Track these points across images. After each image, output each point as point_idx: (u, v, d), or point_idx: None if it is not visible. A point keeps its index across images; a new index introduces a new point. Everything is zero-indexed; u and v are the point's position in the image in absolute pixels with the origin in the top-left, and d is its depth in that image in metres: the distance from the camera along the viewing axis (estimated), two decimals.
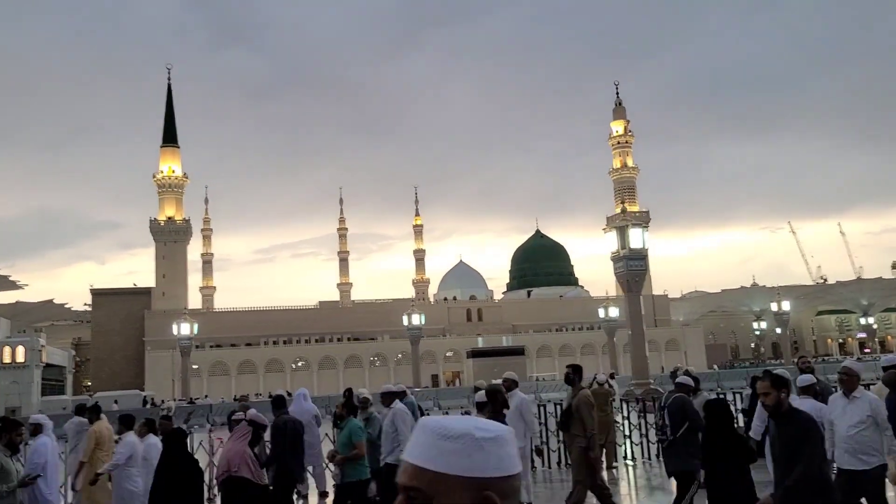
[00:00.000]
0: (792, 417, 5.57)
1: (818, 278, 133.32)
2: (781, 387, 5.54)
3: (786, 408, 5.59)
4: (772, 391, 5.54)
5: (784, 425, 5.58)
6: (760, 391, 5.58)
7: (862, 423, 6.92)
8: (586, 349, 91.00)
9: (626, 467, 15.08)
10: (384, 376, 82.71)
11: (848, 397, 7.14)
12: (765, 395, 5.57)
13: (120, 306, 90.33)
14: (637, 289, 29.97)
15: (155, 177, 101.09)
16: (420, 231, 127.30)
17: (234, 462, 7.78)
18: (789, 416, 5.59)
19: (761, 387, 5.59)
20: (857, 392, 7.13)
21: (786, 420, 5.58)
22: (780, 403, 5.57)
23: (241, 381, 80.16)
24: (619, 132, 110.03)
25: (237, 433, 8.42)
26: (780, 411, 5.60)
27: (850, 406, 7.08)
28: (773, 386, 5.54)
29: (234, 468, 7.72)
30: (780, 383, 5.55)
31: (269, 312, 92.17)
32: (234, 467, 7.72)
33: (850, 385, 7.16)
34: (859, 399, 7.08)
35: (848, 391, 7.15)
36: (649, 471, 14.64)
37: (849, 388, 7.14)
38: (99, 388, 77.47)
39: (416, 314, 64.05)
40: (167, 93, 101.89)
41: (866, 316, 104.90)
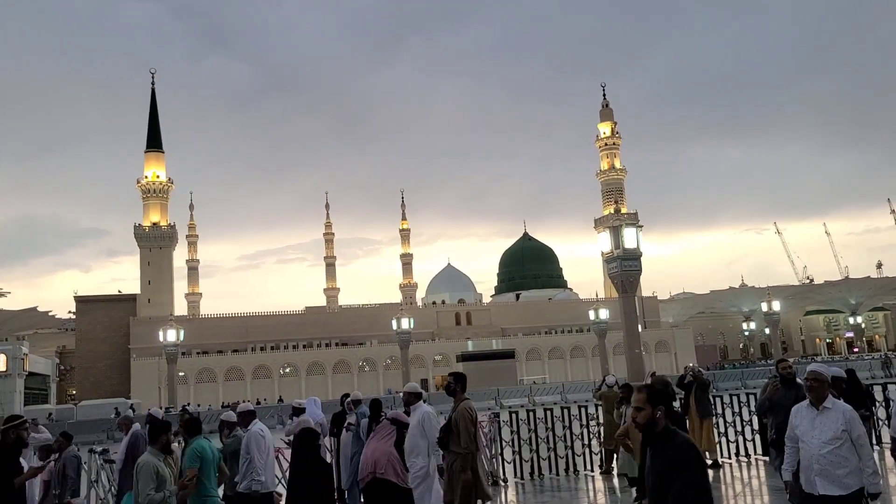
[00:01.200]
0: (668, 439, 4.49)
1: (804, 278, 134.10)
2: (659, 402, 4.48)
3: (661, 428, 4.49)
4: (646, 406, 4.48)
5: (658, 449, 4.51)
6: (634, 405, 4.52)
7: (837, 440, 5.89)
8: (576, 351, 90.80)
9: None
10: (373, 381, 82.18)
11: (817, 408, 6.08)
12: (637, 410, 4.50)
13: (105, 313, 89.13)
14: (632, 289, 29.67)
15: (139, 182, 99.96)
16: (407, 235, 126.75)
17: (380, 463, 7.33)
18: (665, 437, 4.49)
19: (635, 400, 4.54)
20: (828, 402, 6.07)
21: (660, 442, 4.50)
22: (654, 422, 4.49)
23: (228, 387, 79.24)
24: (607, 134, 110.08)
25: (380, 433, 7.91)
26: (654, 432, 4.51)
27: (820, 419, 6.04)
28: (648, 401, 4.48)
29: (380, 470, 7.27)
30: (658, 398, 4.49)
31: (255, 318, 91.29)
32: (380, 469, 7.27)
33: (819, 393, 6.10)
34: (831, 410, 6.04)
35: (817, 400, 6.09)
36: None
37: (818, 397, 6.09)
38: (84, 397, 76.33)
39: (405, 318, 63.59)
40: (151, 97, 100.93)
41: (854, 315, 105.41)
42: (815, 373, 6.20)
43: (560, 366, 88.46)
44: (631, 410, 4.52)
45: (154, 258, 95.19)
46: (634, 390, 4.63)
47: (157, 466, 6.54)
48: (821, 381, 6.12)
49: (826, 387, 6.13)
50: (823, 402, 6.07)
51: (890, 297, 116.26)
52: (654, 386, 4.49)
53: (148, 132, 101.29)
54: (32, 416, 29.30)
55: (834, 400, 6.10)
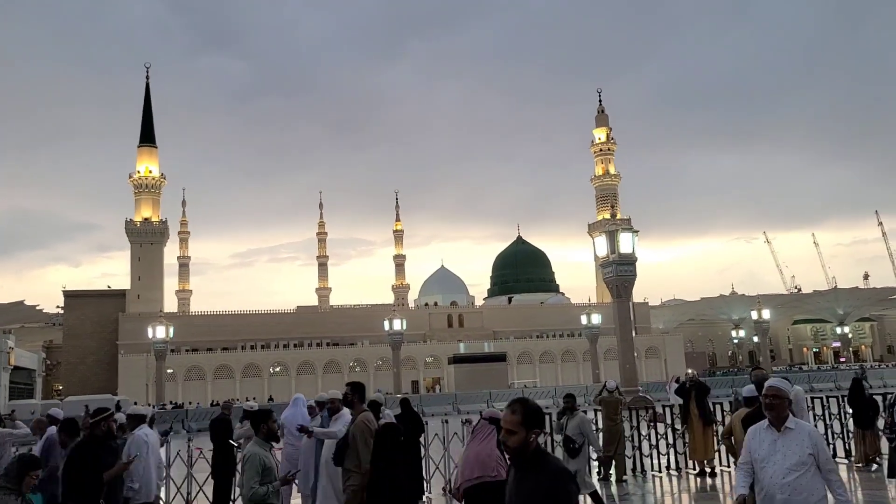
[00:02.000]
0: (539, 465, 3.92)
1: (792, 288, 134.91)
2: (534, 425, 3.93)
3: (532, 450, 3.94)
4: (518, 430, 3.89)
5: (526, 474, 3.93)
6: (505, 426, 3.95)
7: (802, 465, 5.16)
8: (567, 356, 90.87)
9: (651, 478, 14.49)
10: (364, 382, 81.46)
11: (778, 429, 5.31)
12: (509, 433, 3.94)
13: (93, 309, 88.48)
14: (626, 294, 29.68)
15: (131, 177, 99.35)
16: (401, 236, 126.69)
17: (488, 465, 7.23)
18: (536, 462, 3.93)
19: (506, 421, 3.95)
20: (790, 422, 5.31)
21: (530, 468, 3.92)
22: (526, 445, 3.91)
23: (217, 385, 78.82)
24: (602, 139, 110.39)
25: (481, 434, 7.83)
26: (525, 455, 3.94)
27: (782, 441, 5.28)
28: (522, 423, 3.89)
29: (490, 472, 7.19)
30: (534, 421, 3.94)
31: (246, 316, 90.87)
32: (490, 471, 7.18)
33: (779, 412, 5.31)
34: (794, 431, 5.28)
35: (778, 420, 5.31)
36: (664, 484, 14.03)
37: (778, 417, 5.31)
38: (70, 392, 75.71)
39: (397, 319, 63.44)
40: (145, 92, 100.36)
41: (842, 325, 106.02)
42: (773, 388, 5.39)
43: (551, 370, 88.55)
44: (502, 433, 3.98)
45: (145, 254, 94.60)
46: (507, 411, 4.01)
47: (263, 458, 6.43)
48: (781, 397, 5.33)
49: (787, 405, 5.35)
50: (785, 423, 5.30)
51: (877, 307, 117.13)
52: (529, 406, 3.94)
53: (141, 127, 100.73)
54: (11, 411, 28.99)
55: (796, 420, 5.36)
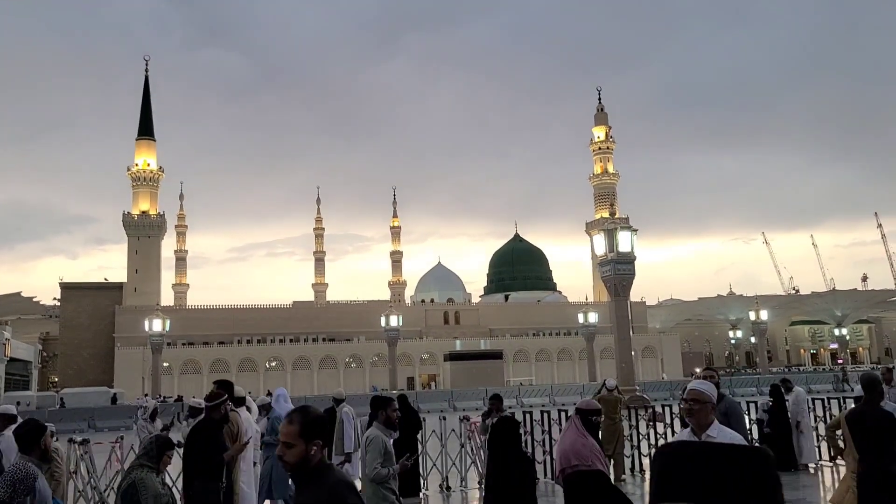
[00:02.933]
0: (319, 479, 3.56)
1: (790, 289, 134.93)
2: (315, 436, 3.56)
3: (315, 463, 3.55)
4: (297, 442, 3.54)
5: (304, 490, 3.58)
6: (283, 439, 3.57)
7: None
8: (563, 354, 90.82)
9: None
10: (359, 378, 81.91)
11: (699, 437, 4.74)
12: (286, 446, 3.55)
13: (90, 301, 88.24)
14: (625, 293, 29.54)
15: (129, 170, 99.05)
16: (398, 233, 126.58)
17: (583, 455, 7.20)
18: (317, 476, 3.56)
19: (284, 433, 3.57)
20: (712, 429, 4.74)
21: (310, 482, 3.56)
22: (306, 459, 3.54)
23: (213, 379, 78.39)
24: (601, 138, 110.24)
25: (574, 425, 7.80)
26: (307, 470, 3.55)
27: None
28: (301, 435, 3.53)
29: (586, 461, 7.17)
30: (314, 431, 3.56)
31: (242, 311, 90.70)
32: (585, 460, 7.16)
33: (700, 418, 4.77)
34: (716, 441, 4.76)
35: (699, 427, 4.76)
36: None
37: (699, 423, 4.76)
38: (66, 384, 75.54)
39: (393, 316, 63.35)
40: (144, 84, 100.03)
41: (839, 327, 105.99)
42: (694, 391, 4.85)
43: (547, 368, 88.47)
44: (279, 447, 3.61)
45: (142, 247, 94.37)
46: (284, 421, 3.65)
47: (385, 441, 6.80)
48: (702, 402, 4.81)
49: (710, 410, 4.83)
50: (707, 430, 4.75)
51: (875, 310, 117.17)
52: (309, 415, 3.61)
53: (140, 120, 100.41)
54: (5, 403, 28.90)
55: (720, 427, 4.82)
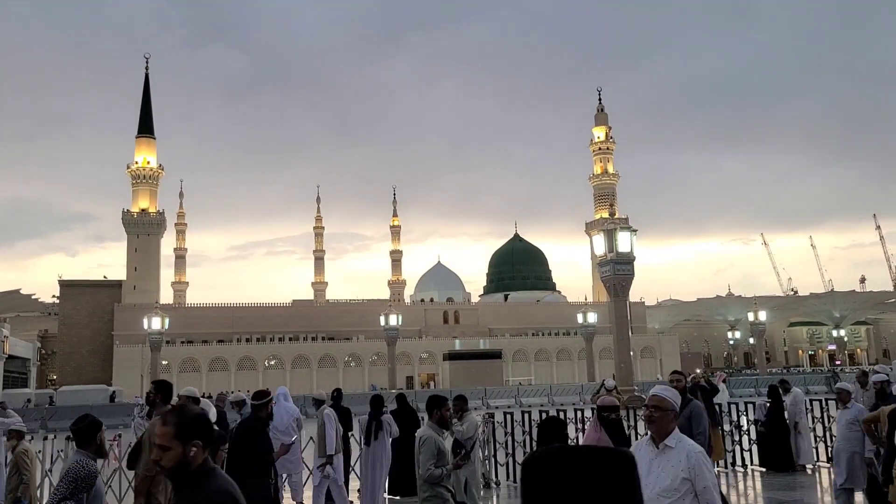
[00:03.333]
0: (198, 485, 3.24)
1: (789, 290, 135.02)
2: (192, 437, 3.23)
3: (195, 467, 3.24)
4: (173, 445, 3.20)
5: (183, 496, 3.26)
6: (158, 442, 3.27)
7: (674, 492, 4.28)
8: (562, 354, 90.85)
9: None
10: (358, 377, 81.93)
11: (657, 446, 4.44)
12: (162, 450, 3.22)
13: (89, 299, 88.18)
14: (624, 294, 29.57)
15: (129, 167, 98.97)
16: (397, 232, 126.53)
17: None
18: (197, 481, 3.24)
19: (159, 436, 3.24)
20: (671, 438, 4.41)
21: (189, 487, 3.24)
22: (185, 463, 3.21)
23: (212, 378, 78.66)
24: (601, 138, 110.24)
25: (593, 421, 7.91)
26: (186, 474, 3.23)
27: (659, 461, 4.39)
28: (176, 437, 3.21)
29: None
30: (191, 432, 3.23)
31: (242, 309, 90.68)
32: None
33: (660, 425, 4.47)
34: (673, 450, 4.36)
35: (658, 436, 4.48)
36: None
37: (660, 431, 4.47)
38: (65, 382, 75.51)
39: (393, 315, 63.33)
40: (144, 82, 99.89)
41: (838, 328, 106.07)
42: (656, 397, 4.54)
43: (546, 368, 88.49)
44: (154, 451, 3.30)
45: (141, 245, 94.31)
46: (158, 422, 3.36)
47: (438, 441, 6.82)
48: (663, 409, 4.47)
49: (672, 418, 4.51)
50: (665, 440, 4.43)
51: (873, 311, 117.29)
52: (185, 415, 3.31)
53: (140, 117, 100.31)
54: (2, 400, 28.86)
55: (680, 436, 4.47)
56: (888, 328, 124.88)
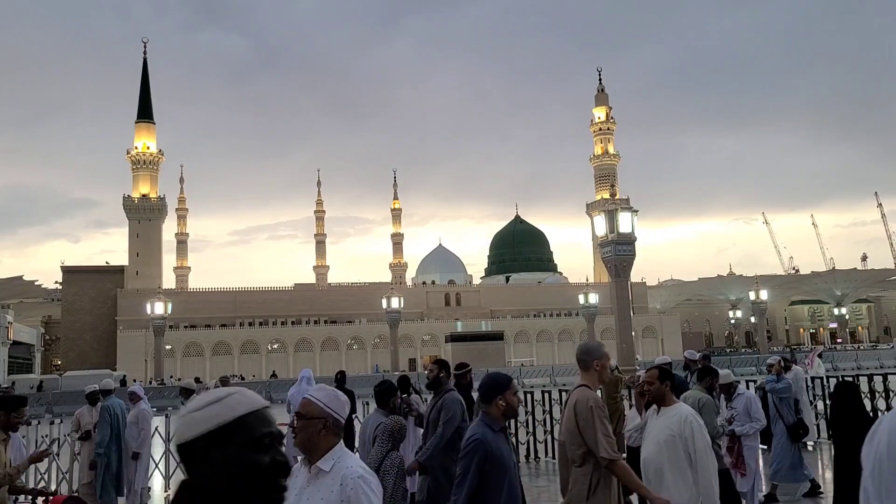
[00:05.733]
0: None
1: (790, 269, 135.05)
2: None
3: None
4: None
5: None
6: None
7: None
8: (564, 335, 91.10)
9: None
10: (361, 359, 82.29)
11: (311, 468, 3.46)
12: None
13: (91, 284, 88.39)
14: (625, 274, 29.59)
15: (129, 153, 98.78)
16: (398, 215, 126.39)
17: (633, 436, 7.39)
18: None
19: None
20: (326, 459, 3.23)
21: None
22: None
23: (215, 362, 79.06)
24: (602, 119, 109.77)
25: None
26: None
27: (310, 489, 3.23)
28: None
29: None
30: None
31: (244, 293, 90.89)
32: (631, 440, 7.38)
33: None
34: (327, 476, 3.22)
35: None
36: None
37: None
38: (69, 368, 75.96)
39: (395, 298, 63.47)
40: (143, 67, 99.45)
41: (839, 307, 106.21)
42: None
43: (548, 349, 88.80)
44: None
45: (143, 230, 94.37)
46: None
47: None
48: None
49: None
50: (320, 460, 3.40)
51: (874, 289, 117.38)
52: None
53: (139, 103, 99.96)
54: (11, 383, 29.17)
55: (342, 455, 3.30)
56: (889, 306, 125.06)
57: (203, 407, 1.73)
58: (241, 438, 1.69)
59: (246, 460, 1.67)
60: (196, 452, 1.69)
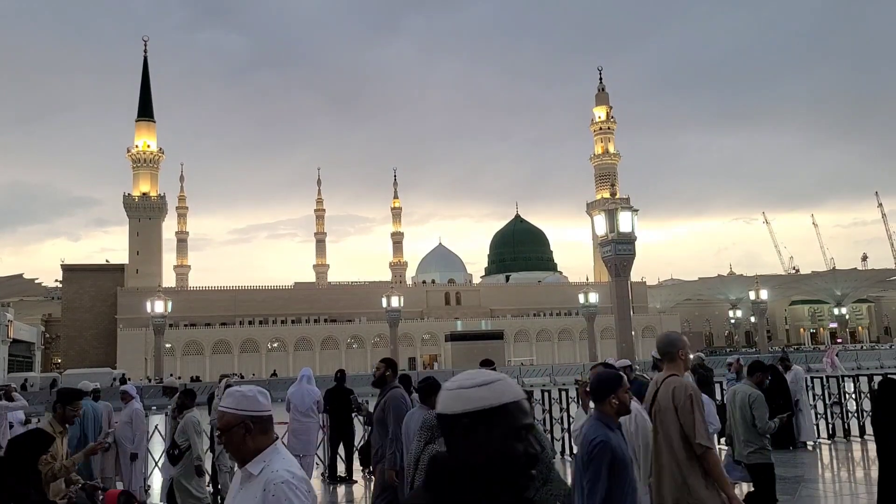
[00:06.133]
0: None
1: (790, 269, 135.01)
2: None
3: None
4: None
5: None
6: None
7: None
8: (564, 334, 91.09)
9: None
10: (361, 358, 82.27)
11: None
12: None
13: (91, 283, 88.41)
14: (625, 273, 29.63)
15: (129, 151, 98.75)
16: (398, 214, 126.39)
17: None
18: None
19: None
20: (255, 462, 3.19)
21: None
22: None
23: (215, 360, 79.08)
24: (602, 118, 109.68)
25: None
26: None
27: (242, 494, 3.22)
28: None
29: None
30: None
31: (244, 292, 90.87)
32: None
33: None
34: (256, 479, 3.06)
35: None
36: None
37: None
38: (69, 366, 75.94)
39: (394, 297, 63.48)
40: (143, 65, 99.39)
41: (839, 306, 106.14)
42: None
43: (548, 348, 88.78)
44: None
45: (143, 229, 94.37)
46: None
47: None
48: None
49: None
50: (249, 463, 3.26)
51: (874, 289, 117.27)
52: None
53: (139, 101, 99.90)
54: (7, 384, 29.04)
55: (273, 456, 3.08)
56: (890, 306, 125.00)
57: (472, 386, 1.80)
58: (504, 425, 1.77)
59: (504, 446, 1.76)
60: (457, 426, 1.78)
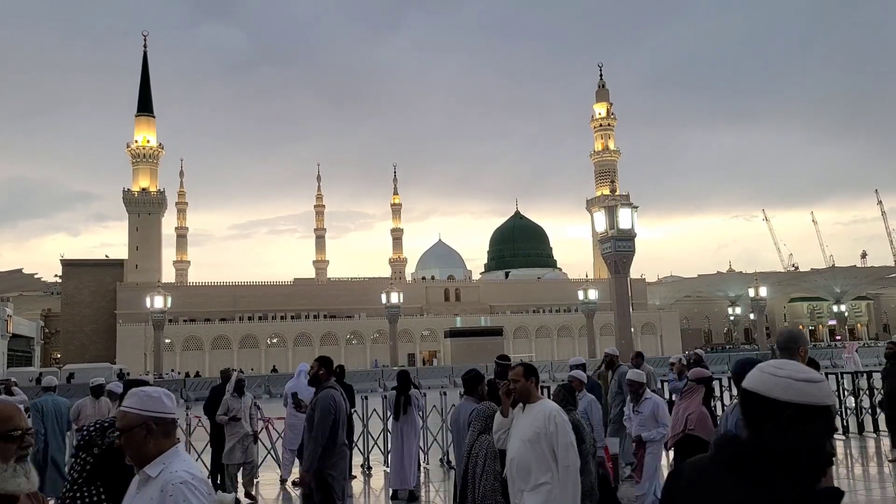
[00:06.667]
0: None
1: (790, 266, 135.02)
2: None
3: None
4: None
5: None
6: None
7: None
8: (563, 331, 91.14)
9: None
10: (360, 354, 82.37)
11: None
12: None
13: (91, 278, 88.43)
14: (625, 270, 29.65)
15: (129, 147, 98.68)
16: (398, 210, 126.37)
17: (691, 420, 7.40)
18: None
19: None
20: (153, 465, 3.11)
21: None
22: None
23: (214, 356, 79.13)
24: (602, 115, 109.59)
25: (689, 393, 7.85)
26: None
27: (140, 496, 3.17)
28: None
29: (690, 426, 7.38)
30: None
31: (244, 288, 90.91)
32: (690, 424, 7.37)
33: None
34: (154, 482, 3.02)
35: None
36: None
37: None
38: (68, 361, 75.96)
39: (394, 293, 63.50)
40: (143, 60, 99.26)
41: (838, 304, 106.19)
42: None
43: (547, 344, 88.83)
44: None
45: (143, 224, 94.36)
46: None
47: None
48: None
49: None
50: (147, 465, 3.22)
51: (874, 286, 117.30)
52: None
53: (139, 96, 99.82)
54: (7, 378, 28.99)
55: (171, 458, 3.05)
56: (889, 303, 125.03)
57: (802, 381, 1.89)
58: (823, 424, 1.89)
59: (821, 443, 1.88)
60: (778, 413, 1.88)
